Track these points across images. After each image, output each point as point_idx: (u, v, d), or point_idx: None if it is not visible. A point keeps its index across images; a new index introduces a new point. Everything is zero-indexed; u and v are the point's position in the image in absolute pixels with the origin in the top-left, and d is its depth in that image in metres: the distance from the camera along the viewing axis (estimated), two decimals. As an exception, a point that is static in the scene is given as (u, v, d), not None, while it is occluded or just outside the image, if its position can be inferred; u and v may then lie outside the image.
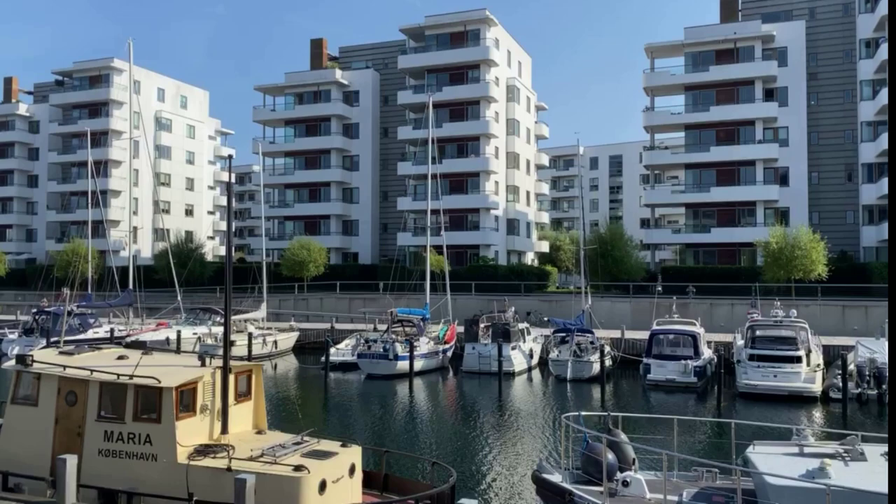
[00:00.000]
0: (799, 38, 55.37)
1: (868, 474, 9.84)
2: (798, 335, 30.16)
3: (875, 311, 40.58)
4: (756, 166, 54.35)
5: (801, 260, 43.74)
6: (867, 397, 27.30)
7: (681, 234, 58.04)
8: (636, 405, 27.78)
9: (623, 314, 44.60)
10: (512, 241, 64.19)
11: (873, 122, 53.05)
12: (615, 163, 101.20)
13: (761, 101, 54.53)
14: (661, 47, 58.36)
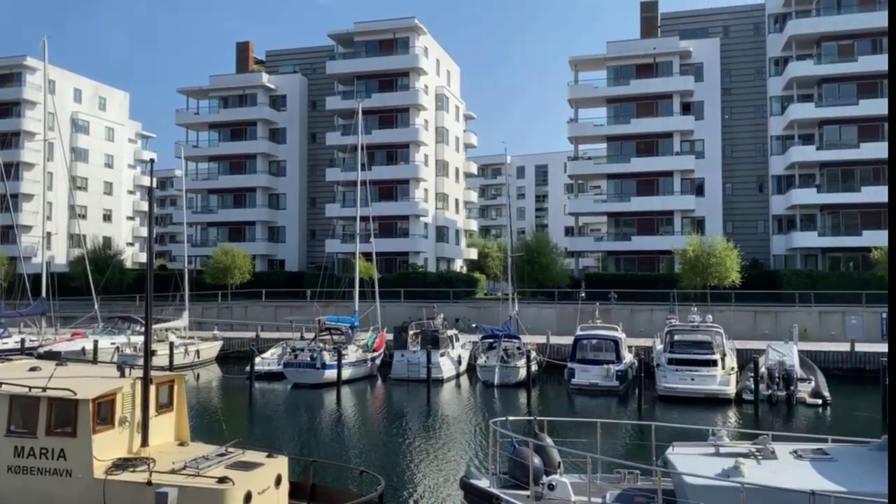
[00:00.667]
0: (714, 55, 57.89)
1: (778, 472, 10.36)
2: (714, 340, 31.45)
3: (784, 316, 42.73)
4: (674, 177, 56.41)
5: (716, 267, 45.66)
6: (777, 398, 28.69)
7: (603, 241, 59.65)
8: (561, 409, 28.36)
9: (549, 320, 45.46)
10: (441, 249, 64.54)
11: (782, 136, 55.94)
12: (541, 172, 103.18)
13: (679, 114, 56.69)
14: (585, 60, 59.95)
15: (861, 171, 52.07)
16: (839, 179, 52.50)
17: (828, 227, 52.56)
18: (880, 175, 51.64)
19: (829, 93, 53.19)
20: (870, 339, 39.82)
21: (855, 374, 34.14)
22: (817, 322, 42.60)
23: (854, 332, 40.52)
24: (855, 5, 52.85)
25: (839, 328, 41.74)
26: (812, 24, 53.27)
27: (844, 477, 9.91)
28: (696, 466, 10.54)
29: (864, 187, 51.26)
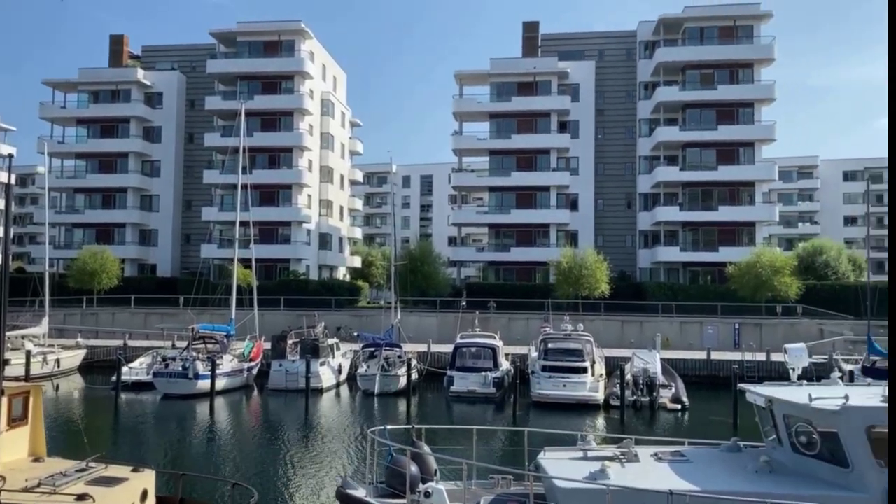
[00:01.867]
0: (589, 77, 60.84)
1: (640, 473, 11.02)
2: (584, 348, 32.95)
3: (648, 325, 45.43)
4: (551, 192, 58.70)
5: (587, 279, 47.94)
6: (641, 404, 30.48)
7: (484, 252, 61.10)
8: (440, 416, 28.80)
9: (430, 328, 45.98)
10: (324, 256, 63.78)
11: (649, 156, 59.55)
12: (426, 182, 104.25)
13: (556, 132, 59.09)
14: (470, 75, 61.33)
15: (719, 191, 56.29)
16: (699, 199, 56.49)
17: (688, 242, 56.40)
18: (735, 196, 56.07)
19: (692, 117, 57.19)
20: (724, 347, 43.05)
21: (710, 380, 36.73)
22: (678, 331, 45.57)
23: (710, 341, 43.66)
24: (716, 37, 57.17)
25: (697, 337, 44.83)
26: (678, 53, 57.16)
27: (699, 477, 10.68)
28: (566, 470, 10.99)
29: (721, 207, 55.49)
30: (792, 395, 11.26)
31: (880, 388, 11.33)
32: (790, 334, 41.99)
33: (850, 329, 43.09)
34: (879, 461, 9.77)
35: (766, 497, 9.42)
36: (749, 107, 56.48)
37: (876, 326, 39.16)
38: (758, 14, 56.47)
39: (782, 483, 10.32)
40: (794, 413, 10.93)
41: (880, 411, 10.09)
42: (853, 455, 9.93)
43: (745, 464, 11.22)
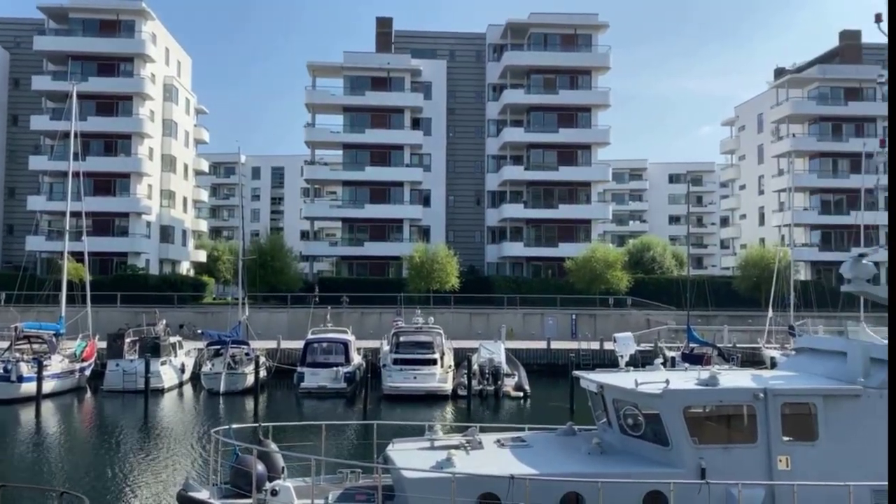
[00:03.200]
0: (441, 76, 62.09)
1: (484, 460, 11.54)
2: (435, 340, 33.83)
3: (494, 317, 47.28)
4: (404, 187, 59.38)
5: (438, 273, 49.09)
6: (487, 393, 31.75)
7: (337, 247, 60.71)
8: (289, 414, 28.41)
9: (281, 324, 45.11)
10: (166, 250, 60.56)
11: (497, 155, 61.79)
12: (278, 174, 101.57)
13: (409, 128, 59.83)
14: (323, 67, 60.58)
15: (559, 190, 59.52)
16: (542, 197, 59.42)
17: (532, 238, 59.20)
18: (574, 195, 59.51)
19: (536, 120, 59.97)
20: (562, 337, 45.73)
21: (550, 368, 38.90)
22: (522, 323, 47.80)
23: (550, 331, 46.20)
24: (559, 44, 60.29)
25: (539, 328, 47.27)
26: (523, 57, 59.69)
27: (537, 460, 11.36)
28: (413, 461, 11.28)
29: (562, 205, 58.75)
30: (620, 380, 12.25)
31: (695, 373, 12.57)
32: (621, 324, 45.28)
33: (673, 319, 47.17)
34: (694, 438, 10.91)
35: (597, 477, 10.18)
36: (587, 111, 60.12)
37: (694, 316, 43.22)
38: (596, 24, 60.17)
39: (611, 463, 11.22)
40: (622, 397, 11.91)
41: (695, 393, 11.28)
42: (672, 434, 10.98)
43: (579, 446, 12.06)
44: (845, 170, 61.55)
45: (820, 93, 63.91)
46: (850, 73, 62.46)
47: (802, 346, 14.11)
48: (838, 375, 11.66)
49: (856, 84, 62.30)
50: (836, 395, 11.06)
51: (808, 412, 11.02)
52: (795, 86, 65.66)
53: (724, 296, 52.07)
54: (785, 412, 10.98)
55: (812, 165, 63.69)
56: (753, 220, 72.20)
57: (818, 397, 11.04)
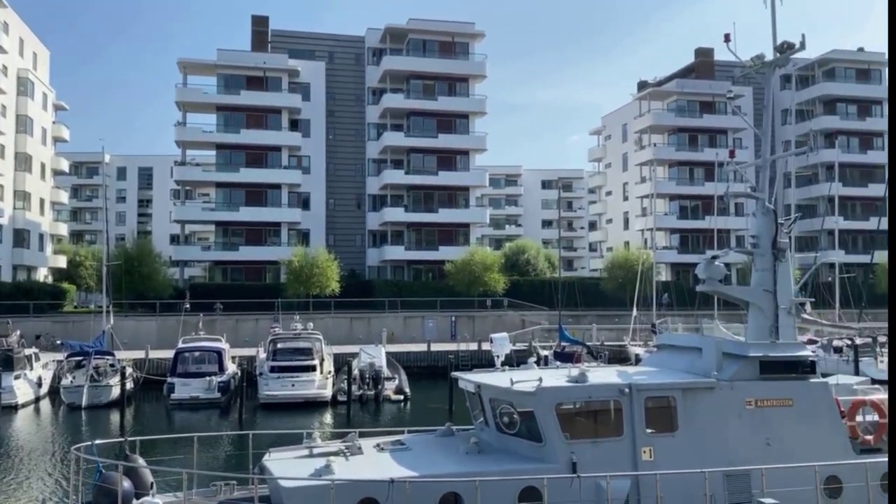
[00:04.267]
0: (320, 77, 61.32)
1: (364, 465, 11.54)
2: (314, 346, 33.38)
3: (375, 321, 47.23)
4: (282, 190, 58.12)
5: (318, 277, 48.40)
6: (367, 397, 31.67)
7: (211, 251, 58.52)
8: (159, 427, 27.14)
9: (149, 333, 42.96)
10: (20, 255, 56.03)
11: (377, 159, 61.79)
12: (145, 175, 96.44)
13: (287, 129, 58.63)
14: (195, 64, 58.25)
15: (439, 194, 60.33)
16: (422, 201, 60.00)
17: (412, 242, 59.63)
18: (453, 199, 60.52)
19: (415, 124, 60.48)
20: (442, 339, 46.35)
21: (430, 370, 39.32)
22: (402, 326, 48.04)
23: (430, 333, 46.71)
24: (437, 51, 61.12)
25: (419, 331, 47.69)
26: (403, 62, 60.05)
27: (417, 463, 11.49)
28: (291, 470, 11.13)
29: (441, 209, 59.60)
30: (496, 380, 12.61)
31: (567, 370, 13.14)
32: (498, 325, 46.49)
33: (546, 319, 48.98)
34: (566, 434, 11.40)
35: (475, 476, 10.45)
36: (465, 118, 61.34)
37: (566, 316, 45.11)
38: (473, 33, 61.51)
39: (488, 461, 11.53)
40: (498, 396, 12.27)
41: (566, 390, 11.80)
42: (545, 430, 11.43)
43: (457, 446, 12.31)
44: (701, 178, 66.25)
45: (678, 105, 68.47)
46: (705, 87, 67.29)
47: (663, 343, 15.07)
48: (694, 370, 12.56)
49: (709, 98, 67.16)
50: (692, 389, 11.91)
51: (669, 405, 11.81)
52: (656, 98, 70.02)
53: (593, 296, 54.64)
54: (648, 406, 11.70)
55: (671, 173, 68.10)
56: (619, 224, 76.25)
57: (677, 391, 11.84)
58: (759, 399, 12.05)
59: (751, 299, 13.63)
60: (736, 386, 12.06)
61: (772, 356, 12.42)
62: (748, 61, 14.73)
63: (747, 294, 13.80)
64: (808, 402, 12.24)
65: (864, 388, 14.33)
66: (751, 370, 12.25)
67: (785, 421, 12.07)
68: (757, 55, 14.64)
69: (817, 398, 12.35)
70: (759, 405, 12.03)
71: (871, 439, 12.92)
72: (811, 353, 13.18)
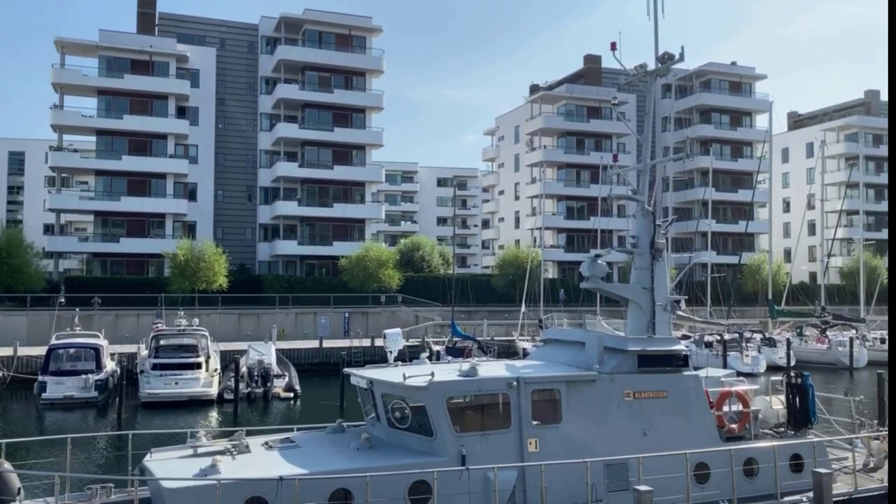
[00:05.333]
0: (210, 64, 59.16)
1: (251, 464, 11.32)
2: (199, 343, 32.37)
3: (266, 317, 46.19)
4: (167, 180, 55.69)
5: (205, 272, 46.76)
6: (255, 395, 30.98)
7: (88, 242, 55.29)
8: (29, 429, 25.50)
9: (18, 329, 40.20)
10: None
11: (270, 150, 60.35)
12: (16, 160, 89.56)
13: (174, 117, 56.17)
14: (74, 44, 54.76)
15: (334, 189, 59.65)
16: (317, 195, 59.13)
17: (306, 237, 58.68)
18: (349, 194, 60.02)
19: (311, 117, 59.48)
20: (335, 336, 45.98)
21: (322, 367, 38.97)
22: (294, 322, 47.24)
23: (323, 330, 46.20)
24: (333, 43, 60.34)
25: (312, 327, 47.05)
26: (298, 53, 58.91)
27: (306, 460, 11.41)
28: (174, 470, 10.80)
29: (336, 204, 58.96)
30: (388, 375, 12.70)
31: (458, 365, 13.39)
32: (392, 321, 46.58)
33: (440, 315, 49.56)
34: (456, 427, 11.63)
35: (365, 471, 10.48)
36: (361, 112, 60.94)
37: (458, 312, 45.84)
38: (370, 27, 61.17)
39: (379, 456, 11.61)
40: (390, 391, 12.37)
41: (457, 384, 12.04)
42: (436, 424, 11.63)
43: (348, 442, 12.32)
44: (587, 180, 68.95)
45: (567, 110, 70.90)
46: (592, 93, 70.01)
47: (549, 338, 15.64)
48: (578, 363, 13.14)
49: (596, 104, 69.94)
50: (576, 381, 12.46)
51: (554, 397, 12.29)
52: (547, 102, 72.22)
53: (485, 292, 55.80)
54: (534, 398, 12.13)
55: (560, 175, 70.46)
56: (510, 223, 78.17)
57: (562, 383, 12.35)
58: (636, 391, 12.75)
59: (630, 296, 14.38)
60: (616, 378, 12.70)
61: (649, 350, 13.17)
62: (632, 70, 15.51)
63: (627, 291, 14.55)
64: (680, 393, 13.06)
65: (731, 381, 15.39)
66: (630, 363, 12.94)
67: (660, 411, 12.82)
68: (640, 64, 15.44)
69: (689, 390, 13.20)
70: (637, 396, 12.73)
71: (736, 427, 13.93)
72: (684, 347, 14.06)
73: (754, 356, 41.04)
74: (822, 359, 43.64)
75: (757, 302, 55.53)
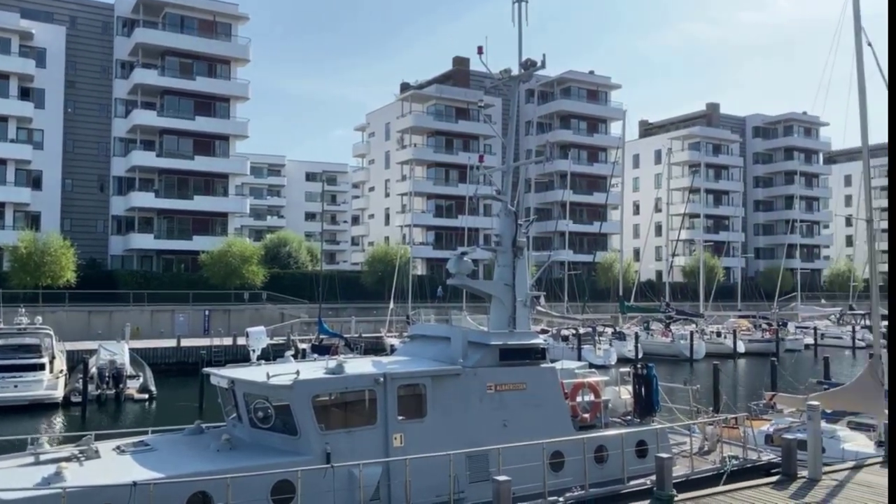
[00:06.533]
0: (59, 43, 54.89)
1: (101, 470, 10.78)
2: (42, 342, 30.18)
3: (118, 315, 43.58)
4: (7, 166, 51.17)
5: (50, 266, 43.44)
6: (106, 397, 29.23)
7: (-89, 233, 49.76)
8: None
9: None
10: None
11: (125, 138, 56.84)
12: None
13: (17, 98, 51.71)
14: None
15: (195, 181, 57.08)
16: (176, 187, 56.35)
17: (164, 230, 55.77)
18: (211, 187, 57.69)
19: (170, 104, 56.55)
20: (195, 334, 44.17)
21: (180, 367, 37.36)
22: (149, 320, 44.88)
23: (181, 328, 44.25)
24: (196, 28, 57.69)
25: (169, 326, 44.91)
26: (157, 37, 55.81)
27: (162, 464, 10.99)
28: (12, 480, 10.14)
29: (197, 196, 56.44)
30: (251, 374, 12.49)
31: (324, 362, 13.36)
32: (256, 318, 45.40)
33: (306, 312, 48.84)
34: (321, 425, 11.62)
35: (226, 473, 10.23)
36: (226, 102, 58.72)
37: (326, 309, 45.41)
38: (236, 14, 59.07)
39: (240, 457, 11.38)
40: (253, 391, 12.16)
41: (323, 382, 12.05)
42: (301, 423, 11.57)
43: (207, 444, 11.98)
44: (455, 179, 70.30)
45: (437, 109, 71.92)
46: (461, 95, 71.44)
47: (416, 334, 15.95)
48: (443, 358, 13.51)
49: (464, 105, 71.45)
50: (441, 376, 12.81)
51: (419, 392, 12.57)
52: (417, 101, 72.93)
53: (354, 289, 55.58)
54: (400, 394, 12.36)
55: (429, 174, 71.40)
56: (380, 219, 78.27)
57: (427, 378, 12.66)
58: (498, 384, 13.29)
59: (493, 292, 14.97)
60: (479, 372, 13.18)
61: (510, 344, 13.77)
62: (497, 74, 16.12)
63: (490, 287, 15.12)
64: (538, 385, 13.75)
65: (584, 372, 16.36)
66: (492, 357, 13.46)
67: (519, 403, 13.44)
68: (505, 69, 16.07)
69: (546, 381, 13.92)
70: (498, 389, 13.28)
71: (588, 417, 14.84)
72: (542, 341, 14.80)
73: (606, 349, 43.62)
74: (666, 351, 47.09)
75: (609, 298, 58.93)
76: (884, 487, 12.18)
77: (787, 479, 12.73)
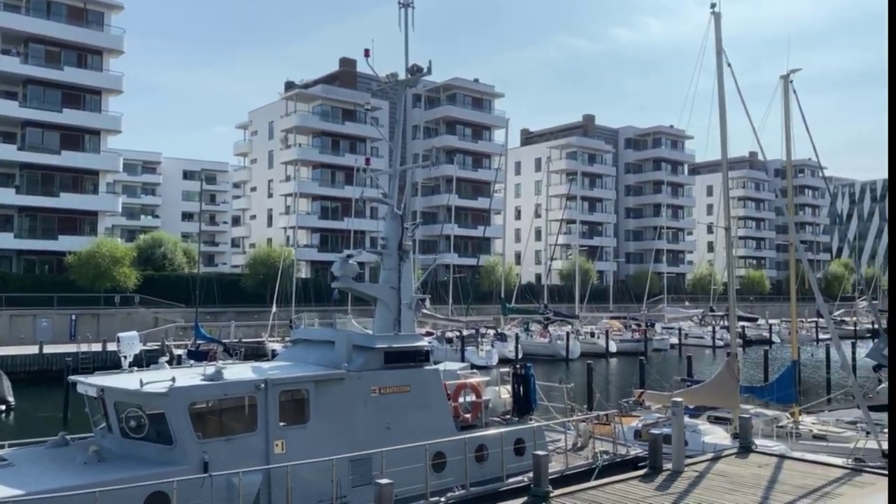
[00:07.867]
0: None
1: None
2: None
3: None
4: None
5: None
6: None
7: None
8: None
9: None
10: None
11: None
12: None
13: None
14: None
15: (61, 177, 53.40)
16: (40, 183, 52.53)
17: (25, 229, 51.87)
18: (79, 183, 54.16)
19: (34, 95, 52.64)
20: (60, 340, 41.38)
21: (42, 375, 34.92)
22: (8, 325, 41.75)
23: (44, 334, 41.35)
24: (65, 15, 54.04)
25: (30, 331, 41.87)
26: (20, 22, 51.75)
27: (22, 479, 10.27)
28: None
29: (64, 193, 52.80)
30: (123, 382, 11.91)
31: (201, 369, 12.93)
32: (127, 323, 43.12)
33: (182, 317, 46.87)
34: (198, 434, 11.24)
35: (94, 486, 9.70)
36: (97, 94, 55.37)
37: (204, 313, 43.77)
38: (110, 3, 55.83)
39: (110, 469, 10.82)
40: (125, 399, 11.60)
41: (201, 389, 11.66)
42: (177, 431, 11.14)
43: (73, 457, 11.32)
44: (341, 181, 69.70)
45: (323, 110, 71.07)
46: (348, 96, 70.99)
47: (298, 338, 15.74)
48: (327, 362, 13.42)
49: (352, 107, 71.02)
50: (324, 380, 12.72)
51: (302, 398, 12.43)
52: (303, 100, 71.78)
53: (233, 293, 53.85)
54: (282, 399, 12.16)
55: (315, 175, 70.42)
56: (263, 220, 76.31)
57: (310, 383, 12.54)
58: (382, 387, 13.37)
59: (378, 295, 15.04)
60: (363, 376, 13.20)
61: (394, 347, 13.88)
62: (384, 77, 16.21)
63: (375, 290, 15.18)
64: (422, 387, 13.94)
65: (466, 373, 16.71)
66: (377, 360, 13.53)
67: (403, 405, 13.57)
68: (391, 73, 16.19)
69: (430, 383, 14.13)
70: (382, 392, 13.35)
71: (469, 417, 15.17)
72: (427, 343, 15.01)
73: (488, 350, 44.67)
74: (544, 351, 48.79)
75: (492, 300, 60.36)
76: (739, 476, 13.27)
77: (654, 471, 13.54)
